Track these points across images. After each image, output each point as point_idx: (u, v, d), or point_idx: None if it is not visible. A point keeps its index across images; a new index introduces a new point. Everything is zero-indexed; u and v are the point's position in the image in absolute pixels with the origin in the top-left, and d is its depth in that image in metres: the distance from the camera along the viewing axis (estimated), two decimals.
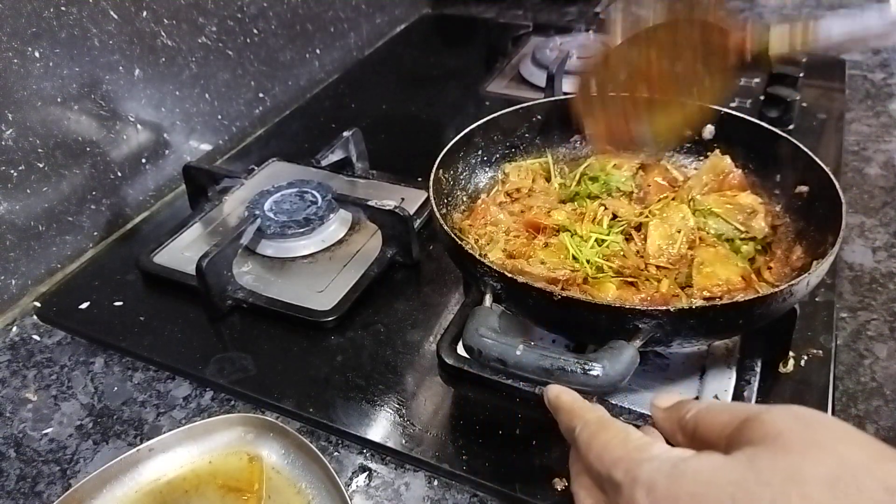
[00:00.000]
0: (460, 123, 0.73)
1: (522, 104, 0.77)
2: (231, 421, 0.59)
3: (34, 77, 0.75)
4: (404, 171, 0.92)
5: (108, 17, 0.82)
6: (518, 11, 1.48)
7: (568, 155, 0.79)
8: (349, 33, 1.28)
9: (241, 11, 1.02)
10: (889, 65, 1.18)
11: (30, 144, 0.76)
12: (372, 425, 0.61)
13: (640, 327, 0.50)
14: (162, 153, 0.94)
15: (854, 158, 0.95)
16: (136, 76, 0.88)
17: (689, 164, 0.77)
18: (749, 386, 0.60)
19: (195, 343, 0.71)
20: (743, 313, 0.52)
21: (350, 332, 0.71)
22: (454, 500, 0.56)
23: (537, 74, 1.14)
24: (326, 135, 0.94)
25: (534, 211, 0.70)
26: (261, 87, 1.09)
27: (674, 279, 0.61)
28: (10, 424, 0.65)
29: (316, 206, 0.82)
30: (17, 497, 0.58)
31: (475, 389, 0.64)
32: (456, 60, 1.29)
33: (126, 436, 0.63)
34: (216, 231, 0.84)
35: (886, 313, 0.71)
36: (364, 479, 0.58)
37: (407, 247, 0.77)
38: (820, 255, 0.58)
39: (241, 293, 0.74)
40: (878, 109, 1.06)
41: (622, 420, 0.58)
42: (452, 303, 0.74)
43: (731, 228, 0.66)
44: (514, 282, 0.53)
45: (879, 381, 0.64)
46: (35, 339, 0.74)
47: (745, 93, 1.08)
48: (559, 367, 0.47)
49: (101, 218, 0.87)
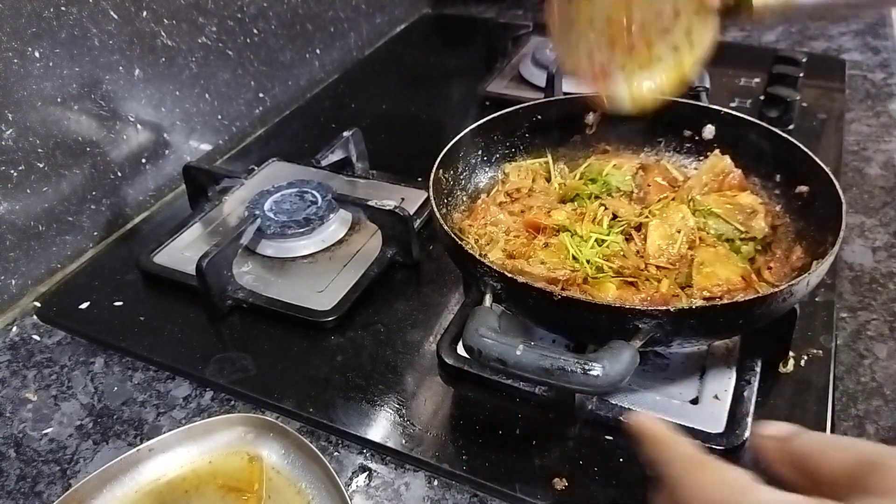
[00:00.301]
0: (460, 123, 0.73)
1: (522, 104, 0.77)
2: (231, 421, 0.59)
3: (34, 77, 0.75)
4: (404, 171, 0.92)
5: (108, 17, 0.82)
6: (518, 11, 1.47)
7: (568, 155, 0.79)
8: (349, 33, 1.28)
9: (241, 11, 1.02)
10: (889, 65, 1.18)
11: (30, 144, 0.76)
12: (372, 425, 0.61)
13: (640, 327, 0.50)
14: (162, 153, 0.94)
15: (854, 158, 0.95)
16: (136, 76, 0.88)
17: (689, 164, 0.77)
18: (749, 386, 0.60)
19: (195, 343, 0.71)
20: (743, 313, 0.52)
21: (350, 332, 0.71)
22: (454, 500, 0.56)
23: (537, 74, 1.14)
24: (326, 135, 0.94)
25: (534, 211, 0.70)
26: (261, 87, 1.09)
27: (674, 279, 0.61)
28: (10, 424, 0.65)
29: (316, 206, 0.82)
30: (17, 497, 0.58)
31: (475, 389, 0.64)
32: (456, 60, 1.29)
33: (126, 436, 0.63)
34: (216, 231, 0.84)
35: (886, 313, 0.71)
36: (364, 479, 0.58)
37: (407, 247, 0.77)
38: (820, 255, 0.58)
39: (241, 293, 0.74)
40: (878, 109, 1.06)
41: (623, 420, 0.58)
42: (452, 303, 0.74)
43: (731, 228, 0.66)
44: (514, 282, 0.53)
45: (879, 381, 0.64)
46: (35, 339, 0.74)
47: (745, 93, 1.08)
48: (559, 367, 0.47)
49: (101, 218, 0.87)
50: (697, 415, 0.59)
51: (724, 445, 0.56)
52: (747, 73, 1.13)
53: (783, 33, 1.31)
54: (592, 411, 0.60)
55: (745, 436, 0.56)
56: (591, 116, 0.78)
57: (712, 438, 0.56)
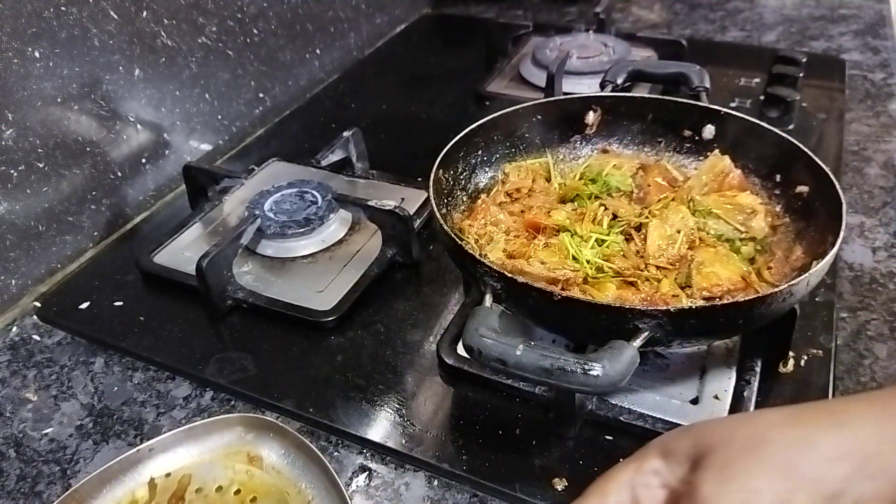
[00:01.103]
0: (460, 123, 0.73)
1: (522, 104, 0.77)
2: (231, 421, 0.59)
3: (34, 77, 0.75)
4: (404, 171, 0.92)
5: (108, 17, 0.82)
6: (518, 11, 1.48)
7: (568, 155, 0.79)
8: (349, 33, 1.28)
9: (241, 11, 1.02)
10: (889, 65, 1.18)
11: (30, 144, 0.76)
12: (372, 425, 0.61)
13: (640, 327, 0.50)
14: (162, 153, 0.94)
15: (854, 158, 0.94)
16: (136, 76, 0.88)
17: (689, 164, 0.77)
18: (749, 386, 0.60)
19: (195, 343, 0.71)
20: (743, 313, 0.52)
21: (350, 332, 0.71)
22: (454, 500, 0.56)
23: (537, 74, 1.14)
24: (326, 135, 0.94)
25: (534, 211, 0.70)
26: (261, 87, 1.09)
27: (674, 279, 0.61)
28: (10, 424, 0.65)
29: (316, 206, 0.82)
30: (17, 497, 0.58)
31: (475, 389, 0.64)
32: (456, 60, 1.29)
33: (126, 436, 0.63)
34: (216, 231, 0.84)
35: (886, 313, 0.71)
36: (364, 479, 0.58)
37: (407, 247, 0.77)
38: (820, 255, 0.58)
39: (241, 293, 0.74)
40: (878, 109, 1.06)
41: (623, 420, 0.58)
42: (452, 303, 0.74)
43: (730, 229, 0.66)
44: (514, 282, 0.53)
45: (879, 381, 0.64)
46: (35, 339, 0.74)
47: (745, 93, 1.08)
48: (559, 367, 0.47)
49: (101, 218, 0.87)
50: (697, 415, 0.59)
51: None
52: (747, 73, 1.13)
53: (783, 33, 1.31)
54: (592, 411, 0.60)
55: None
56: (591, 116, 0.78)
57: None
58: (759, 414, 0.41)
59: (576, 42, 1.21)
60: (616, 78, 0.83)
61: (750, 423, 0.40)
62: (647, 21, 1.42)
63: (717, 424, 0.41)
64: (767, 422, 0.39)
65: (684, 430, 0.42)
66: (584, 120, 0.78)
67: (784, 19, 1.37)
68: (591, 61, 1.14)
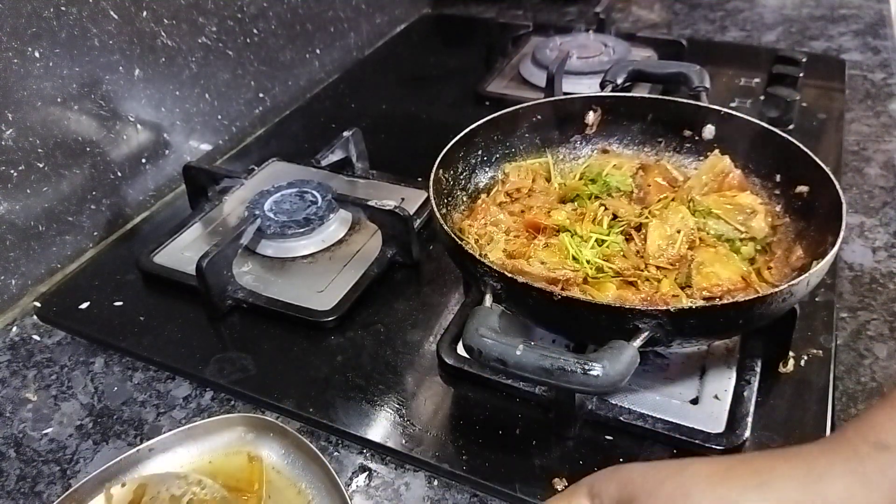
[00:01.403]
0: (460, 123, 0.73)
1: (522, 104, 0.77)
2: (231, 421, 0.59)
3: (34, 77, 0.75)
4: (404, 171, 0.92)
5: (108, 17, 0.82)
6: (518, 11, 1.47)
7: (568, 155, 0.79)
8: (349, 33, 1.28)
9: (241, 11, 1.02)
10: (889, 65, 1.18)
11: (30, 144, 0.76)
12: (372, 425, 0.61)
13: (640, 327, 0.50)
14: (162, 153, 0.94)
15: (854, 158, 0.94)
16: (136, 76, 0.88)
17: (689, 164, 0.77)
18: (749, 386, 0.60)
19: (195, 343, 0.71)
20: (743, 313, 0.52)
21: (350, 332, 0.71)
22: (454, 500, 0.56)
23: (537, 74, 1.14)
24: (326, 135, 0.94)
25: (534, 211, 0.70)
26: (261, 87, 1.09)
27: (674, 279, 0.61)
28: (10, 424, 0.65)
29: (316, 206, 0.82)
30: (17, 497, 0.58)
31: (475, 389, 0.64)
32: (456, 60, 1.29)
33: (126, 436, 0.63)
34: (216, 231, 0.84)
35: (886, 313, 0.71)
36: (364, 479, 0.58)
37: (407, 247, 0.77)
38: (820, 255, 0.58)
39: (241, 293, 0.74)
40: (878, 109, 1.06)
41: (623, 420, 0.58)
42: (452, 303, 0.74)
43: (730, 229, 0.66)
44: (514, 282, 0.53)
45: (879, 381, 0.64)
46: (35, 339, 0.74)
47: (745, 93, 1.08)
48: (559, 367, 0.47)
49: (101, 218, 0.87)
50: (697, 415, 0.59)
51: (724, 445, 0.56)
52: (747, 73, 1.13)
53: (783, 33, 1.31)
54: (592, 411, 0.60)
55: (745, 436, 0.56)
56: (591, 116, 0.78)
57: (712, 438, 0.56)
58: (686, 467, 0.41)
59: (576, 42, 1.21)
60: (616, 78, 0.83)
61: (677, 476, 0.40)
62: (647, 21, 1.42)
63: (646, 473, 0.42)
64: (694, 478, 0.40)
65: (613, 473, 0.43)
66: (584, 120, 0.78)
67: (784, 19, 1.37)
68: (591, 61, 1.14)
